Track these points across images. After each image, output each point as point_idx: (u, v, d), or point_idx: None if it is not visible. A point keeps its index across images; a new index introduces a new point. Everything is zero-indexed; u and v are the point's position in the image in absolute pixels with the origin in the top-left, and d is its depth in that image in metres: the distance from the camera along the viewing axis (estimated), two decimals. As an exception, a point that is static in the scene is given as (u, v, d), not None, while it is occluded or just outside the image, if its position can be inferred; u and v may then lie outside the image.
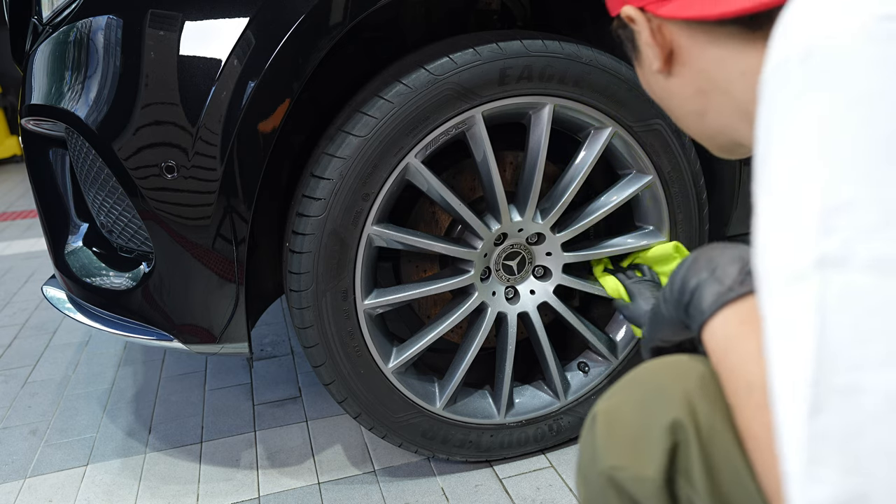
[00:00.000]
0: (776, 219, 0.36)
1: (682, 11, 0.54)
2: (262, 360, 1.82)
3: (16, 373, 1.83)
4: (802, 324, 0.33)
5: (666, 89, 0.62)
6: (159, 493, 1.32)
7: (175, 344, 1.14)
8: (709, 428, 0.50)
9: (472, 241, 1.20)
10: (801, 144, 0.35)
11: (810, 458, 0.31)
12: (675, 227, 1.27)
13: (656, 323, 0.63)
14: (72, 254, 1.23)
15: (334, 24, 0.98)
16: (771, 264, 0.36)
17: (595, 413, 0.58)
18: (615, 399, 0.57)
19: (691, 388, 0.52)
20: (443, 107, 1.06)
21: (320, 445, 1.44)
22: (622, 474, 0.53)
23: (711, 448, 0.50)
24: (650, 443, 0.52)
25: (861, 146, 0.33)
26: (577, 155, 1.20)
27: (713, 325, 0.51)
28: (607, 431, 0.55)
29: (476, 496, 1.26)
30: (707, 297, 0.53)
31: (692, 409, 0.51)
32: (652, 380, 0.56)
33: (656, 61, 0.59)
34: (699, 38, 0.55)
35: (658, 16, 0.57)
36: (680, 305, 0.57)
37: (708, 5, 0.52)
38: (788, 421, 0.33)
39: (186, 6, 0.96)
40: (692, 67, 0.57)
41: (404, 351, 1.21)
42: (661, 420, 0.52)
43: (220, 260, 1.06)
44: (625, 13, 0.59)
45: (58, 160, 1.23)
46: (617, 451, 0.54)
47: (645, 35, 0.58)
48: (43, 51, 1.09)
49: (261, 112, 0.99)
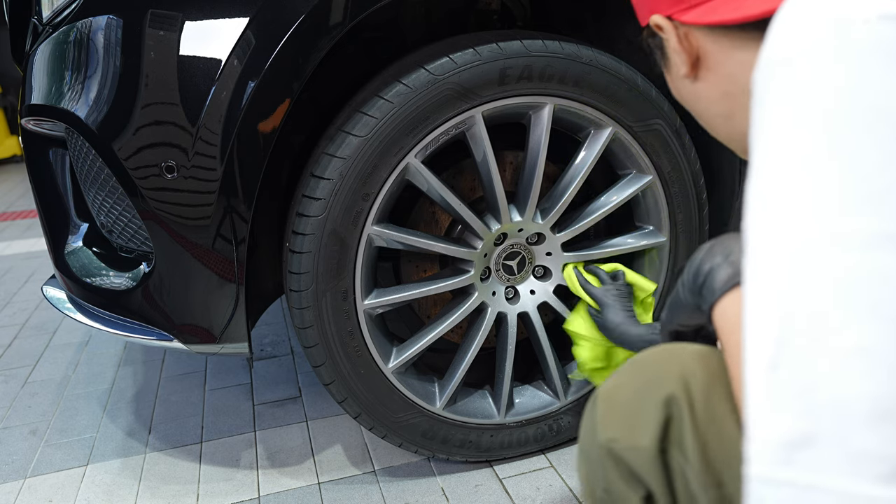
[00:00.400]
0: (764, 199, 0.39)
1: (704, 17, 0.57)
2: (262, 360, 1.82)
3: (16, 373, 1.83)
4: (775, 289, 0.37)
5: (693, 93, 0.65)
6: (159, 493, 1.32)
7: (175, 344, 1.14)
8: (703, 402, 0.54)
9: (472, 241, 1.20)
10: (784, 141, 0.38)
11: (771, 406, 0.35)
12: (675, 227, 1.27)
13: (675, 307, 0.66)
14: (72, 254, 1.23)
15: (334, 24, 0.98)
16: (756, 240, 0.39)
17: (596, 395, 0.62)
18: (615, 381, 0.61)
19: (687, 367, 0.56)
20: (443, 107, 1.06)
21: (320, 445, 1.44)
22: (618, 445, 0.57)
23: (705, 422, 0.53)
24: (645, 415, 0.56)
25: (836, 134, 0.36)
26: (577, 155, 1.20)
27: (723, 304, 0.54)
28: (606, 409, 0.60)
29: (476, 496, 1.26)
30: (719, 278, 0.56)
31: (686, 385, 0.55)
32: (651, 363, 0.59)
33: (683, 66, 0.63)
34: (723, 43, 0.58)
35: (683, 23, 0.60)
36: (695, 288, 0.59)
37: (728, 10, 0.55)
38: (753, 376, 0.37)
39: (186, 6, 0.96)
40: (718, 71, 0.60)
41: (404, 351, 1.21)
42: (657, 395, 0.56)
43: (220, 260, 1.06)
44: (653, 21, 0.63)
45: (58, 160, 1.23)
46: (614, 424, 0.58)
47: (672, 41, 0.62)
48: (43, 51, 1.09)
49: (261, 112, 0.99)
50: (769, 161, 0.39)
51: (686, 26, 0.60)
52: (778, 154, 0.38)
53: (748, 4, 0.54)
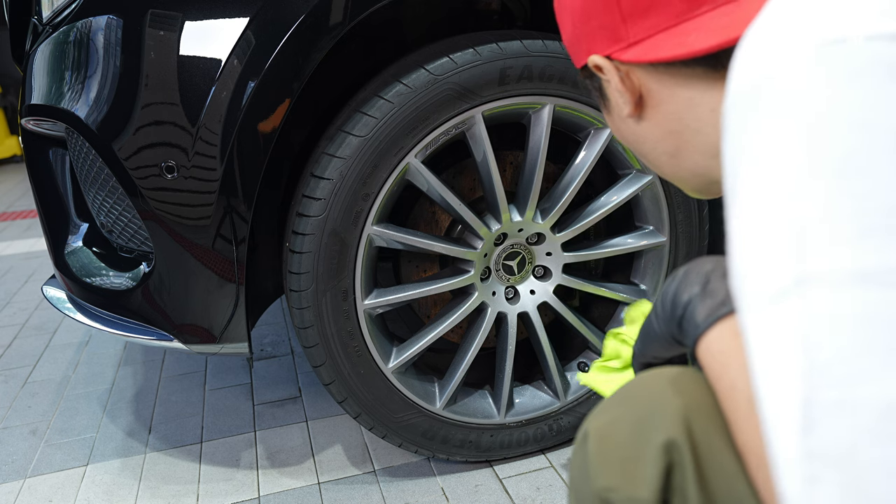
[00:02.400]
0: (751, 240, 0.36)
1: (647, 55, 0.55)
2: (262, 360, 1.82)
3: (16, 373, 1.83)
4: (788, 342, 0.33)
5: (637, 133, 0.63)
6: (159, 493, 1.32)
7: (175, 344, 1.14)
8: (706, 446, 0.49)
9: (472, 241, 1.20)
10: (768, 168, 0.36)
11: (806, 478, 0.31)
12: (675, 228, 1.27)
13: (647, 338, 0.62)
14: (72, 254, 1.23)
15: (334, 23, 0.98)
16: (750, 285, 0.36)
17: (587, 430, 0.56)
18: (607, 416, 0.55)
19: (687, 405, 0.51)
20: (443, 107, 1.06)
21: (320, 445, 1.44)
22: (615, 495, 0.52)
23: (708, 468, 0.49)
24: (644, 463, 0.51)
25: (824, 164, 0.34)
26: (577, 155, 1.20)
27: (708, 339, 0.51)
28: (599, 450, 0.54)
29: (476, 496, 1.26)
30: (700, 311, 0.52)
31: (688, 427, 0.50)
32: (646, 396, 0.54)
33: (626, 106, 0.60)
34: (666, 81, 0.56)
35: (624, 61, 0.57)
36: (673, 320, 0.56)
37: (672, 47, 0.53)
38: (781, 441, 0.32)
39: (186, 6, 0.96)
40: (662, 110, 0.58)
41: (404, 351, 1.21)
42: (656, 439, 0.51)
43: (220, 260, 1.06)
44: (592, 62, 0.60)
45: (58, 160, 1.23)
46: (610, 471, 0.53)
47: (615, 82, 0.59)
48: (43, 51, 1.09)
49: (261, 112, 0.99)
50: (761, 193, 0.36)
51: (627, 65, 0.58)
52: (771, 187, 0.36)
53: (692, 40, 0.51)
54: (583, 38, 0.61)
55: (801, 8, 0.39)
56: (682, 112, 0.56)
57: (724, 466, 0.48)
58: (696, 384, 0.52)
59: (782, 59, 0.37)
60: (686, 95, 0.55)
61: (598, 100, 0.66)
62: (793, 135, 0.35)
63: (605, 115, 0.67)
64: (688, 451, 0.49)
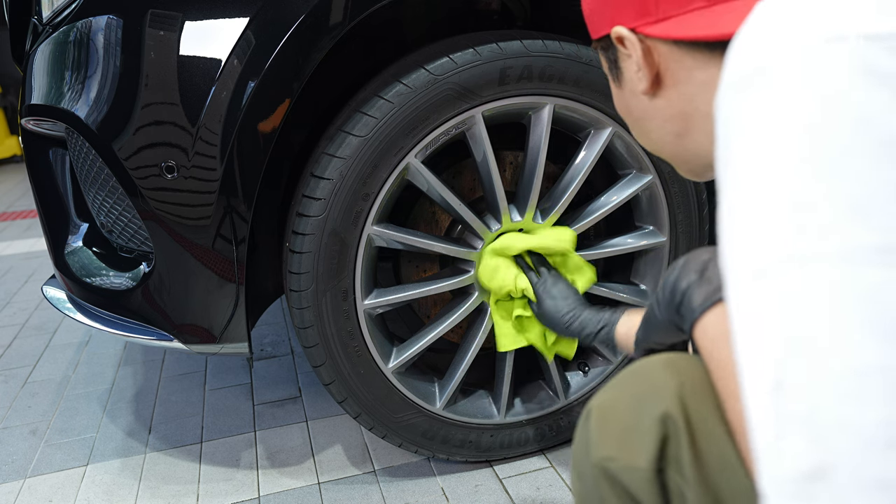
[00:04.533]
0: (738, 222, 0.38)
1: (674, 31, 0.55)
2: (262, 360, 1.82)
3: (16, 373, 1.83)
4: (767, 314, 0.35)
5: (647, 110, 0.63)
6: (159, 493, 1.32)
7: (175, 344, 1.14)
8: (699, 420, 0.52)
9: (472, 241, 1.20)
10: (757, 155, 0.37)
11: (777, 434, 0.33)
12: (675, 227, 1.27)
13: (650, 325, 0.65)
14: (72, 254, 1.23)
15: (334, 23, 0.98)
16: (735, 263, 0.38)
17: (590, 408, 0.60)
18: (609, 394, 0.59)
19: (683, 383, 0.54)
20: (443, 107, 1.06)
21: (320, 445, 1.44)
22: (614, 465, 0.55)
23: (701, 440, 0.52)
24: (641, 434, 0.54)
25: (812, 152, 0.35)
26: (577, 155, 1.20)
27: (704, 322, 0.54)
28: (600, 425, 0.57)
29: (476, 496, 1.26)
30: (697, 297, 0.55)
31: (683, 402, 0.53)
32: (645, 376, 0.57)
33: (643, 83, 0.60)
34: (686, 62, 0.56)
35: (648, 35, 0.57)
36: (672, 306, 0.59)
37: (703, 26, 0.53)
38: (754, 401, 0.35)
39: (186, 6, 0.96)
40: (677, 90, 0.58)
41: (404, 351, 1.21)
42: (652, 412, 0.54)
43: (220, 260, 1.06)
44: (616, 33, 0.59)
45: (58, 160, 1.23)
46: (609, 442, 0.56)
47: (636, 55, 0.59)
48: (43, 51, 1.09)
49: (261, 112, 0.99)
50: (749, 176, 0.38)
51: (652, 40, 0.57)
52: (758, 171, 0.37)
53: (725, 22, 0.51)
54: (608, 7, 0.60)
55: (800, 4, 0.39)
56: (696, 94, 0.57)
57: (715, 438, 0.52)
58: (691, 366, 0.56)
59: (779, 53, 0.38)
60: (702, 78, 0.55)
61: (610, 72, 0.65)
62: (785, 122, 0.37)
63: (613, 88, 0.67)
64: (682, 424, 0.52)
